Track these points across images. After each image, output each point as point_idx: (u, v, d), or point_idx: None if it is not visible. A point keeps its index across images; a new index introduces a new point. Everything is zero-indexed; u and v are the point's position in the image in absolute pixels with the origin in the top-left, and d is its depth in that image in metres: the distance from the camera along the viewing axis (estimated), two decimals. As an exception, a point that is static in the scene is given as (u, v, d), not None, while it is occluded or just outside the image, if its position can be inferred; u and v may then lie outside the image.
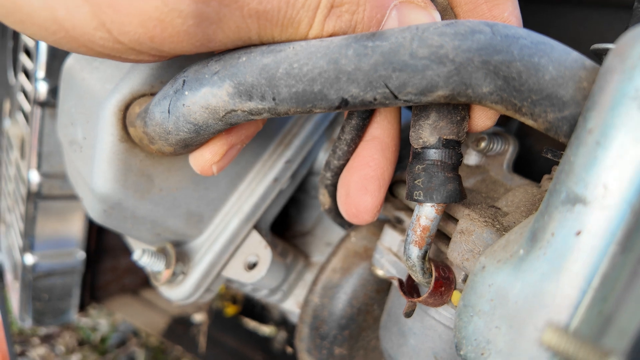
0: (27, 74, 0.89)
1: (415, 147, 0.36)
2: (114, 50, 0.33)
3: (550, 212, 0.29)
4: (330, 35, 0.34)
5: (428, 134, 0.35)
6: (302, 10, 0.32)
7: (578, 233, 0.27)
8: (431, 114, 0.35)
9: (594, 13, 0.65)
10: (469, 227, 0.38)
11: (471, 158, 0.51)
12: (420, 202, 0.36)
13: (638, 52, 0.26)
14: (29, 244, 0.96)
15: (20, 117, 0.97)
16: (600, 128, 0.26)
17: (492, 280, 0.31)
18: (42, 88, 0.82)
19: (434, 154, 0.35)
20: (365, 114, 0.41)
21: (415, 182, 0.36)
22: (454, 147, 0.36)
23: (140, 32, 0.31)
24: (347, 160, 0.47)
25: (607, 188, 0.26)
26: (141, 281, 1.30)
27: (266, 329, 1.27)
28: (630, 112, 0.25)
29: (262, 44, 0.35)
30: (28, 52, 0.88)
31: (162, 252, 0.59)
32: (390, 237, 0.52)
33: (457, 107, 0.35)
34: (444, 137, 0.35)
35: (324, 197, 0.55)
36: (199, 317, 1.35)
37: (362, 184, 0.41)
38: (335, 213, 0.57)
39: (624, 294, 0.23)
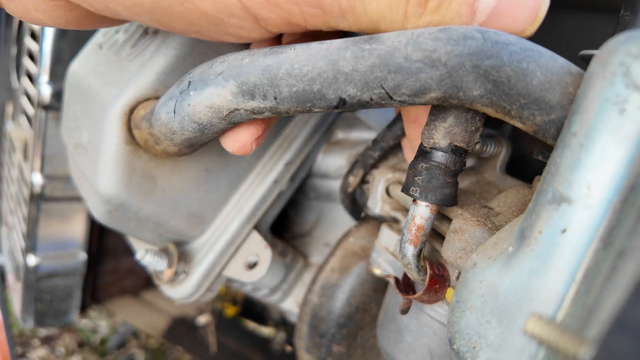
0: (31, 78, 0.91)
1: (425, 145, 0.36)
2: (224, 9, 0.33)
3: (538, 211, 0.30)
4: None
5: (441, 136, 0.35)
6: None
7: (563, 231, 0.28)
8: (449, 117, 0.35)
9: (589, 17, 0.66)
10: (462, 226, 0.40)
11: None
12: (414, 198, 0.37)
13: (618, 60, 0.27)
14: (31, 246, 0.97)
15: (23, 120, 0.98)
16: (583, 131, 0.28)
17: (483, 277, 0.33)
18: (46, 92, 0.84)
19: (440, 157, 0.36)
20: None
21: (415, 178, 0.36)
22: (460, 155, 0.36)
23: None
24: (400, 138, 0.52)
25: (590, 188, 0.27)
26: (142, 283, 1.31)
27: (265, 330, 1.28)
28: (611, 116, 0.27)
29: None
30: (32, 57, 0.90)
31: (164, 251, 0.60)
32: (387, 237, 0.53)
33: (475, 118, 0.35)
34: (455, 144, 0.35)
35: (354, 179, 0.57)
36: (203, 319, 1.36)
37: None
38: (350, 200, 0.61)
39: (604, 288, 0.25)
